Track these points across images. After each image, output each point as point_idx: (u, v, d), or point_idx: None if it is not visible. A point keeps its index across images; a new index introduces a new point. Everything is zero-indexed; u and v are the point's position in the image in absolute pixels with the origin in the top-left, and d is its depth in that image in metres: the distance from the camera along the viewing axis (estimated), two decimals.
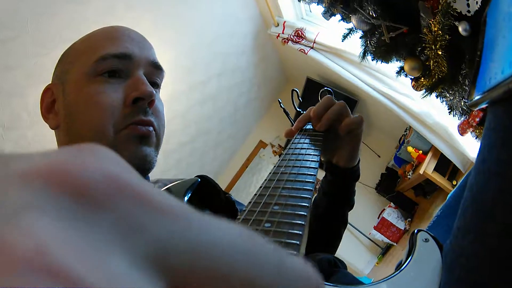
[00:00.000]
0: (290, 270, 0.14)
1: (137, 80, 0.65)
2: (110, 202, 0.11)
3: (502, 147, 0.44)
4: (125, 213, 0.11)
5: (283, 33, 3.05)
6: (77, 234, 0.10)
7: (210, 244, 0.12)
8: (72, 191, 0.11)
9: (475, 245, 0.42)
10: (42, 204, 0.10)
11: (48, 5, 1.79)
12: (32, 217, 0.10)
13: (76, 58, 0.69)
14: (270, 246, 0.14)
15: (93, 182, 0.11)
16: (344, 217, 0.88)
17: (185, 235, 0.12)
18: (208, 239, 0.12)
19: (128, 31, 0.73)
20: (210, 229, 0.13)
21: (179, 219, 0.12)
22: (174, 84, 2.84)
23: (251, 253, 0.13)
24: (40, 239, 0.09)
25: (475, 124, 1.45)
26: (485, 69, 0.55)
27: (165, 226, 0.12)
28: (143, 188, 0.12)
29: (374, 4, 1.33)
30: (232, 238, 0.13)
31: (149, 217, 0.12)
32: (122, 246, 0.11)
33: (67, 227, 0.10)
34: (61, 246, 0.10)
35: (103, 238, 0.11)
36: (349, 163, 0.81)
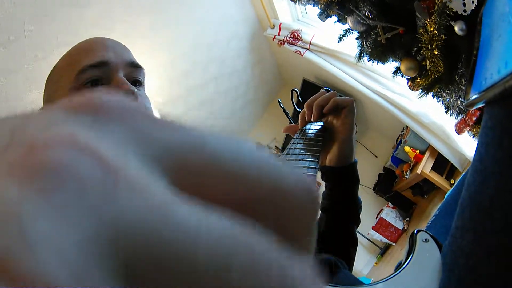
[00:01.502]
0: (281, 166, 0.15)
1: (117, 82, 0.68)
2: (122, 116, 0.13)
3: (498, 146, 0.44)
4: (134, 124, 0.13)
5: (279, 35, 3.06)
6: (96, 135, 0.12)
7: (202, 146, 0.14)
8: (90, 110, 0.13)
9: (474, 245, 0.43)
10: (67, 119, 0.12)
11: (45, 8, 1.79)
12: (60, 125, 0.12)
13: (59, 77, 0.72)
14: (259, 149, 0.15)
15: (107, 103, 0.13)
16: (350, 234, 0.83)
17: (181, 140, 0.14)
18: (201, 141, 0.14)
19: (102, 40, 0.75)
20: (202, 135, 0.14)
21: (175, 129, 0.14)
22: (171, 88, 2.84)
23: (238, 148, 0.14)
24: (69, 131, 0.11)
25: (472, 123, 1.46)
26: (481, 68, 0.55)
27: (165, 135, 0.14)
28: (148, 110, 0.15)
29: (370, 5, 1.33)
30: (220, 140, 0.14)
31: (153, 128, 0.13)
32: (131, 146, 0.13)
33: (88, 131, 0.12)
34: (89, 137, 0.12)
35: (117, 140, 0.12)
36: (342, 160, 0.81)
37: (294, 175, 0.15)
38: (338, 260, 0.73)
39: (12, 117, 0.13)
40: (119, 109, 0.13)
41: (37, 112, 0.13)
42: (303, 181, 0.15)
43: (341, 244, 0.81)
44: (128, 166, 0.11)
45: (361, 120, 3.69)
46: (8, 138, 0.11)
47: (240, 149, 0.14)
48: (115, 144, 0.12)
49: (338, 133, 0.80)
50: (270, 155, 0.15)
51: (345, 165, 0.81)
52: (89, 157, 0.11)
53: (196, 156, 0.13)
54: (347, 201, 0.82)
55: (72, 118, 0.12)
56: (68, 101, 0.13)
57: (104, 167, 0.11)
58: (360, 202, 0.84)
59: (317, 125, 0.81)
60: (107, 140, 0.12)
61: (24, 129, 0.12)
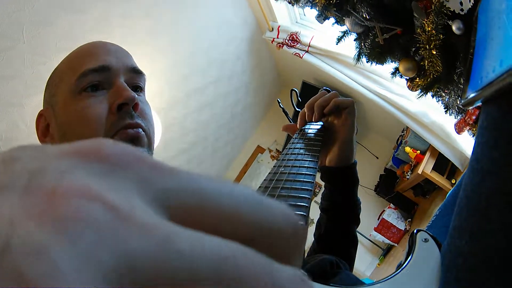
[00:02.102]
0: (268, 205, 0.17)
1: (118, 88, 0.68)
2: (125, 164, 0.15)
3: (495, 146, 0.44)
4: (136, 171, 0.15)
5: (278, 37, 3.06)
6: (105, 183, 0.14)
7: (198, 190, 0.16)
8: (97, 160, 0.15)
9: (471, 245, 0.43)
10: (79, 167, 0.14)
11: (44, 14, 1.80)
12: (74, 174, 0.14)
13: (60, 80, 0.71)
14: (249, 189, 0.17)
15: (111, 153, 0.15)
16: (350, 234, 0.83)
17: (178, 185, 0.16)
18: (196, 185, 0.16)
19: (104, 44, 0.74)
20: (197, 179, 0.16)
21: (174, 174, 0.16)
22: (170, 92, 2.84)
23: (231, 191, 0.16)
24: (83, 182, 0.13)
25: (471, 122, 1.46)
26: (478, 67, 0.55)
27: (164, 180, 0.15)
28: (148, 157, 0.16)
29: (367, 6, 1.33)
30: (216, 184, 0.16)
31: (153, 174, 0.15)
32: (137, 192, 0.14)
33: (97, 180, 0.14)
34: (99, 186, 0.13)
35: (125, 187, 0.14)
36: (342, 160, 0.81)
37: (283, 214, 0.17)
38: (339, 260, 0.73)
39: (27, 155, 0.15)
40: (125, 158, 0.16)
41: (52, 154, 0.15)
42: (290, 218, 0.17)
43: (341, 244, 0.81)
44: (135, 209, 0.13)
45: (361, 121, 3.69)
46: (26, 179, 0.13)
47: (234, 193, 0.16)
48: (123, 190, 0.14)
49: (339, 134, 0.80)
50: (261, 196, 0.17)
51: (345, 165, 0.81)
52: (102, 206, 0.13)
53: (194, 200, 0.15)
54: (347, 202, 0.82)
55: (85, 166, 0.14)
56: (80, 147, 0.15)
57: (115, 213, 0.13)
58: (359, 203, 0.84)
59: (317, 125, 0.81)
60: (116, 187, 0.14)
61: (42, 174, 0.13)
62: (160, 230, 0.13)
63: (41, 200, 0.12)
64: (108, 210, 0.13)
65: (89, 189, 0.13)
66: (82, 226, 0.12)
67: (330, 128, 0.82)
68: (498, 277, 0.39)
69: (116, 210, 0.13)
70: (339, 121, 0.80)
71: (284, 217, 0.17)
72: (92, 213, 0.12)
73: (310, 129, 0.80)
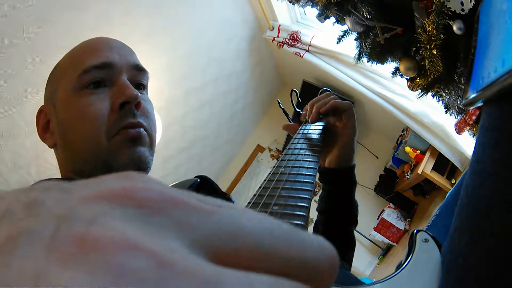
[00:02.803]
0: (308, 242, 0.17)
1: (121, 86, 0.67)
2: (162, 209, 0.15)
3: (496, 146, 0.44)
4: (173, 215, 0.15)
5: (278, 36, 3.06)
6: (141, 228, 0.13)
7: (238, 230, 0.15)
8: (132, 204, 0.14)
9: (472, 245, 0.42)
10: (112, 212, 0.14)
11: (44, 12, 1.80)
12: (107, 219, 0.13)
13: (61, 76, 0.70)
14: (286, 225, 0.17)
15: (147, 197, 0.15)
16: (348, 236, 0.83)
17: (218, 226, 0.15)
18: (236, 226, 0.15)
19: (107, 40, 0.73)
20: (236, 218, 0.16)
21: (213, 215, 0.15)
22: (170, 90, 2.84)
23: (272, 230, 0.16)
24: (119, 230, 0.13)
25: (472, 122, 1.46)
26: (479, 67, 0.55)
27: (203, 223, 0.15)
28: (181, 197, 0.16)
29: (368, 5, 1.33)
30: (254, 222, 0.16)
31: (191, 217, 0.15)
32: (175, 236, 0.14)
33: (133, 225, 0.14)
34: (136, 233, 0.13)
35: (162, 232, 0.14)
36: (343, 162, 0.81)
37: (320, 249, 0.17)
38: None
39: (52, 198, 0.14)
40: (160, 201, 0.15)
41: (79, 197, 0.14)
42: (327, 251, 0.17)
43: (339, 246, 0.80)
44: (177, 253, 0.13)
45: (361, 121, 3.69)
46: (52, 228, 0.13)
47: (274, 231, 0.16)
48: (161, 235, 0.14)
49: (340, 136, 0.81)
50: (299, 231, 0.17)
51: (345, 167, 0.81)
52: (141, 254, 0.12)
53: (235, 242, 0.15)
54: (345, 203, 0.83)
55: (117, 212, 0.14)
56: (110, 190, 0.15)
57: (157, 261, 0.12)
58: (357, 204, 0.84)
59: (318, 125, 0.81)
60: (153, 233, 0.14)
61: (69, 221, 0.13)
62: (206, 272, 0.12)
63: (71, 249, 0.12)
64: (149, 258, 0.12)
65: (125, 237, 0.13)
66: (125, 279, 0.11)
67: (331, 130, 0.82)
68: (498, 277, 0.39)
69: (158, 256, 0.12)
70: (340, 124, 0.81)
71: (321, 253, 0.17)
72: (133, 263, 0.12)
73: (311, 129, 0.80)
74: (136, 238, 0.13)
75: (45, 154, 2.18)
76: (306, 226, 0.40)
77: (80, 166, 0.67)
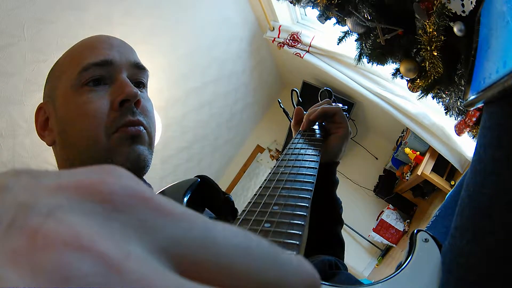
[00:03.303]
0: (286, 263, 0.15)
1: (121, 83, 0.67)
2: (127, 206, 0.14)
3: (497, 146, 0.44)
4: (140, 215, 0.14)
5: (279, 37, 3.06)
6: (101, 225, 0.13)
7: (209, 240, 0.14)
8: (97, 199, 0.14)
9: (473, 245, 0.43)
10: (73, 205, 0.13)
11: (45, 11, 1.80)
12: (65, 213, 0.12)
13: (61, 73, 0.70)
14: (265, 243, 0.16)
15: (115, 193, 0.14)
16: (334, 235, 0.81)
17: (187, 233, 0.14)
18: (207, 236, 0.14)
19: (107, 38, 0.73)
20: (209, 228, 0.15)
21: (183, 220, 0.14)
22: (170, 90, 2.84)
23: (247, 247, 0.15)
24: (71, 225, 0.12)
25: (472, 124, 1.46)
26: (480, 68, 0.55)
27: (171, 227, 0.14)
28: (153, 197, 0.15)
29: (369, 6, 1.33)
30: (228, 235, 0.15)
31: (158, 219, 0.14)
32: (138, 238, 0.13)
33: (93, 221, 0.13)
34: (89, 230, 0.12)
35: (123, 232, 0.13)
36: (326, 157, 0.80)
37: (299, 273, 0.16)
38: (338, 261, 0.73)
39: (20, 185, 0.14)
40: (128, 199, 0.14)
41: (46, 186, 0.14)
42: (305, 274, 0.16)
43: (326, 245, 0.80)
44: (130, 257, 0.12)
45: (361, 122, 3.70)
46: (11, 216, 0.12)
47: (250, 249, 0.15)
48: (120, 236, 0.13)
49: (333, 135, 0.82)
50: (279, 251, 0.16)
51: (328, 161, 0.81)
52: (91, 257, 0.11)
53: (203, 253, 0.14)
54: (328, 202, 0.82)
55: (80, 205, 0.13)
56: (80, 181, 0.14)
57: (106, 265, 0.11)
58: (340, 202, 0.84)
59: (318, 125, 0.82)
60: (112, 233, 0.13)
61: (28, 210, 0.12)
62: (164, 283, 0.11)
63: (22, 242, 0.11)
64: (99, 261, 0.11)
65: (78, 237, 0.12)
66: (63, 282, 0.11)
67: (327, 129, 0.84)
68: (499, 277, 0.39)
69: (109, 261, 0.11)
70: (332, 125, 0.83)
71: (299, 276, 0.16)
72: (79, 267, 0.11)
73: (311, 129, 0.81)
74: (90, 237, 0.12)
75: (44, 153, 2.17)
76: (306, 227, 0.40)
77: (79, 163, 0.67)
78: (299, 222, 0.39)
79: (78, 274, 0.11)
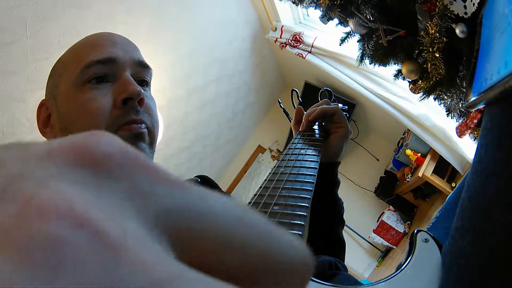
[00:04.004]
0: (280, 238, 0.15)
1: (124, 81, 0.66)
2: (123, 172, 0.13)
3: (498, 147, 0.44)
4: (136, 181, 0.13)
5: (281, 37, 3.06)
6: (95, 196, 0.12)
7: (206, 210, 0.14)
8: (89, 164, 0.13)
9: (474, 245, 0.42)
10: (65, 173, 0.12)
11: (47, 9, 1.80)
12: (58, 182, 0.12)
13: (64, 70, 0.69)
14: (259, 215, 0.16)
15: (108, 156, 0.13)
16: (335, 235, 0.81)
17: (184, 202, 0.14)
18: (205, 205, 0.14)
19: (111, 35, 0.72)
20: (206, 197, 0.15)
21: (180, 188, 0.14)
22: (172, 90, 2.84)
23: (243, 217, 0.15)
24: (66, 196, 0.11)
25: (473, 126, 1.46)
26: (481, 70, 0.55)
27: (168, 194, 0.14)
28: (149, 161, 0.14)
29: (372, 7, 1.33)
30: (226, 206, 0.15)
31: (155, 185, 0.14)
32: (133, 207, 0.13)
33: (87, 191, 0.12)
34: (83, 202, 0.11)
35: (118, 201, 0.12)
36: (326, 158, 0.81)
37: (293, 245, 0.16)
38: (338, 261, 0.73)
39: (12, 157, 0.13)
40: (123, 162, 0.13)
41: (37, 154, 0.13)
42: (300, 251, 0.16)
43: (327, 245, 0.80)
44: (127, 235, 0.11)
45: (362, 123, 3.69)
46: (2, 187, 0.12)
47: (245, 220, 0.15)
48: (113, 205, 0.12)
49: (333, 134, 0.83)
50: (273, 226, 0.16)
51: (329, 162, 0.81)
52: (86, 231, 0.11)
53: (200, 223, 0.13)
54: (329, 202, 0.82)
55: (73, 170, 0.13)
56: (71, 144, 0.13)
57: (103, 241, 0.11)
58: (342, 202, 0.84)
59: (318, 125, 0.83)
60: (107, 203, 0.12)
61: (20, 179, 0.12)
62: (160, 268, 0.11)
63: (14, 211, 0.11)
64: (95, 238, 0.11)
65: (71, 207, 0.11)
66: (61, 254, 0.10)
67: (327, 129, 0.84)
68: (500, 277, 0.39)
69: (104, 237, 0.11)
70: (332, 125, 0.83)
71: (295, 251, 0.16)
72: (73, 240, 0.10)
73: (311, 129, 0.81)
74: (85, 210, 0.11)
75: None
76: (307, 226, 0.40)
77: None
78: (300, 222, 0.39)
79: (73, 251, 0.10)
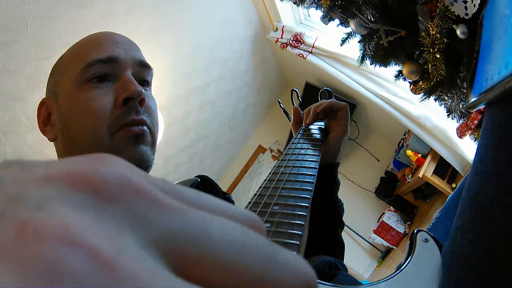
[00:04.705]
0: (282, 261, 0.15)
1: (125, 81, 0.66)
2: (120, 198, 0.13)
3: (498, 147, 0.44)
4: (134, 207, 0.13)
5: (282, 37, 3.06)
6: (93, 219, 0.12)
7: (204, 235, 0.14)
8: (88, 189, 0.13)
9: (474, 245, 0.42)
10: (63, 197, 0.12)
11: (48, 9, 1.80)
12: (56, 206, 0.12)
13: (65, 69, 0.69)
14: (263, 239, 0.15)
15: (106, 182, 0.13)
16: (334, 236, 0.81)
17: (182, 226, 0.14)
18: (202, 230, 0.14)
19: (112, 35, 0.72)
20: (205, 222, 0.14)
21: (178, 213, 0.14)
22: (172, 89, 2.84)
23: (242, 243, 0.14)
24: (64, 220, 0.11)
25: (473, 127, 1.46)
26: (482, 70, 0.55)
27: (165, 219, 0.14)
28: (147, 187, 0.14)
29: (373, 8, 1.33)
30: (224, 230, 0.14)
31: (152, 211, 0.14)
32: (131, 231, 0.13)
33: (85, 214, 0.12)
34: (80, 223, 0.12)
35: (115, 224, 0.13)
36: (325, 158, 0.81)
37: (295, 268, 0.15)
38: (338, 261, 0.73)
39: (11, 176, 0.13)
40: (121, 190, 0.14)
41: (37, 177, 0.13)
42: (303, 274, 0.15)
43: (326, 246, 0.80)
44: (123, 254, 0.11)
45: (363, 123, 3.69)
46: (1, 208, 0.12)
47: (247, 245, 0.14)
48: (113, 230, 0.12)
49: (331, 133, 0.82)
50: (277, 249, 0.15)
51: (328, 163, 0.81)
52: (82, 252, 0.11)
53: (198, 248, 0.13)
54: (328, 201, 0.82)
55: (71, 196, 0.13)
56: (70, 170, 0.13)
57: (98, 262, 0.11)
58: (341, 204, 0.84)
59: (318, 125, 0.82)
60: (104, 227, 0.12)
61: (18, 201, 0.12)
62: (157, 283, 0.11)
63: (11, 236, 0.11)
64: (89, 257, 0.11)
65: (68, 230, 0.11)
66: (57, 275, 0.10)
67: (326, 129, 0.84)
68: (500, 277, 0.39)
69: (101, 257, 0.11)
70: (333, 122, 0.83)
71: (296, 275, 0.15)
72: (69, 262, 0.11)
73: (312, 129, 0.81)
74: (81, 231, 0.11)
75: (46, 150, 2.18)
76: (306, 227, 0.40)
77: None
78: (300, 222, 0.39)
79: (69, 271, 0.10)
